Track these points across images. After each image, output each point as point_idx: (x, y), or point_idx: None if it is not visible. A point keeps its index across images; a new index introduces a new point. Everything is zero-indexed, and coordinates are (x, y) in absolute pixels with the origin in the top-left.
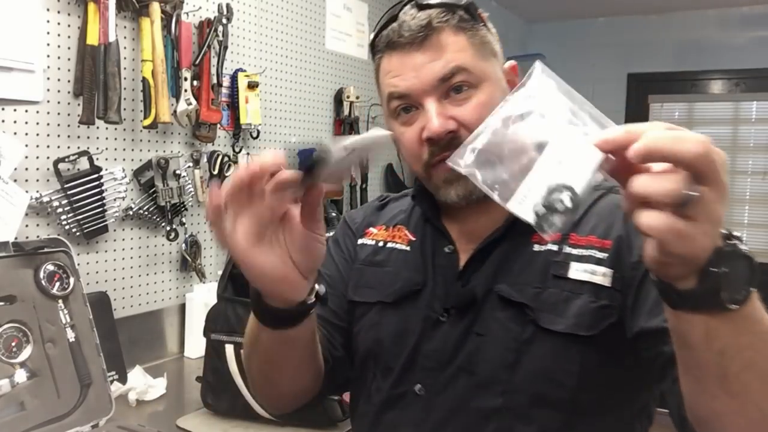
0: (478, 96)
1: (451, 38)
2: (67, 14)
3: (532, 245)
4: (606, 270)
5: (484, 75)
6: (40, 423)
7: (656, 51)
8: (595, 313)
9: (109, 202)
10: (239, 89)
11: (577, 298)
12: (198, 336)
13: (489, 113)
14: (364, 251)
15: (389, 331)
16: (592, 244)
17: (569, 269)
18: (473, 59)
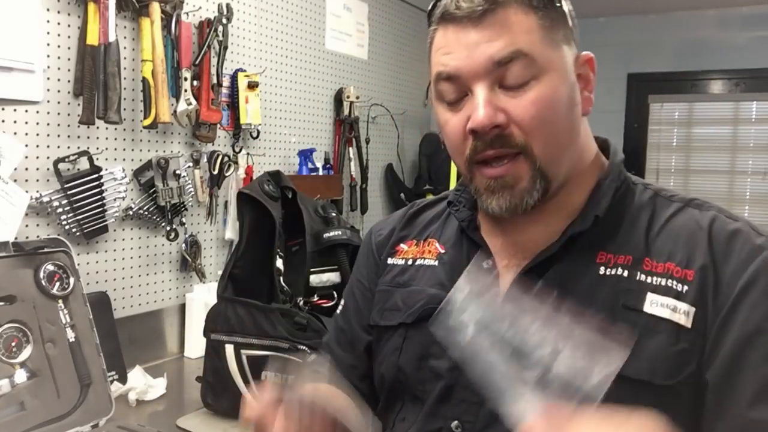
0: (538, 89)
1: (517, 16)
2: (67, 14)
3: (597, 267)
4: (688, 307)
5: (549, 65)
6: (40, 423)
7: (656, 51)
8: (675, 358)
9: (109, 202)
10: (239, 89)
11: (652, 337)
12: (198, 336)
13: (548, 110)
14: (392, 272)
15: (411, 356)
16: (671, 273)
17: (645, 301)
18: (540, 45)
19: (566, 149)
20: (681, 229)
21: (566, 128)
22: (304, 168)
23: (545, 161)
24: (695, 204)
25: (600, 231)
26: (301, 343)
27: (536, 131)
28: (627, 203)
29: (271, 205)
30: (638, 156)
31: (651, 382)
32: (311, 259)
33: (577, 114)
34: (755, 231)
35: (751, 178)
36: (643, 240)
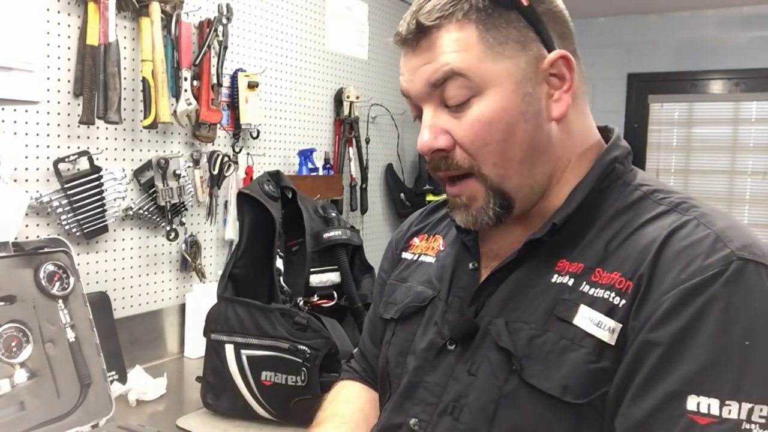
0: (479, 107)
1: (452, 34)
2: (67, 14)
3: (552, 274)
4: (614, 324)
5: (490, 80)
6: (40, 423)
7: (656, 51)
8: (591, 375)
9: (109, 202)
10: (239, 89)
11: (575, 351)
12: (198, 336)
13: (491, 129)
14: (402, 266)
15: (394, 350)
16: (612, 284)
17: (576, 313)
18: (479, 60)
19: (523, 163)
20: (646, 236)
21: (518, 142)
22: (304, 168)
23: (497, 179)
24: (682, 208)
25: (565, 237)
26: (301, 343)
27: (480, 152)
28: (605, 206)
29: (271, 205)
30: (638, 156)
31: (560, 399)
32: (311, 259)
33: (535, 125)
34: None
35: (751, 178)
36: (603, 248)
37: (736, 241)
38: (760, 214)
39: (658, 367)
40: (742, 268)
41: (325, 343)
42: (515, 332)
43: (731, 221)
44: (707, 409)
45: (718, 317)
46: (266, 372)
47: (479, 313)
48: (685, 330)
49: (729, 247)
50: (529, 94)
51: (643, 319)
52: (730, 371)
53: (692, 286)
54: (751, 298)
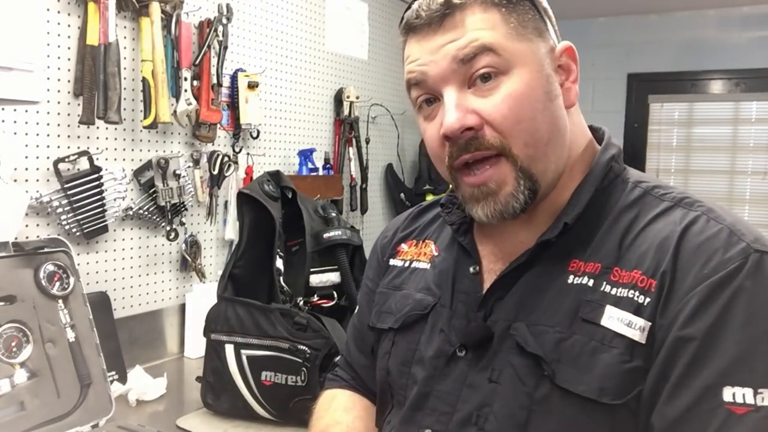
0: (508, 84)
1: (478, 15)
2: (67, 14)
3: (567, 275)
4: (644, 322)
5: (518, 58)
6: (40, 423)
7: (656, 51)
8: (626, 375)
9: (109, 202)
10: (239, 89)
11: (607, 352)
12: (198, 336)
13: (522, 106)
14: (392, 274)
15: (396, 361)
16: (635, 283)
17: (603, 314)
18: (506, 38)
19: (549, 145)
20: (659, 232)
21: (546, 122)
22: (304, 168)
23: (527, 160)
24: (686, 203)
25: (574, 237)
26: (301, 343)
27: (512, 130)
28: (610, 204)
29: (271, 205)
30: (638, 156)
31: (598, 401)
32: (311, 259)
33: (557, 107)
34: (735, 235)
35: (751, 178)
36: (616, 246)
37: (747, 234)
38: (760, 214)
39: (692, 363)
40: (759, 260)
41: (325, 343)
42: (539, 336)
43: (735, 216)
44: (743, 399)
45: (744, 309)
46: (266, 372)
47: (488, 317)
48: (714, 326)
49: (744, 241)
50: (549, 77)
51: (671, 316)
52: (760, 361)
53: (717, 280)
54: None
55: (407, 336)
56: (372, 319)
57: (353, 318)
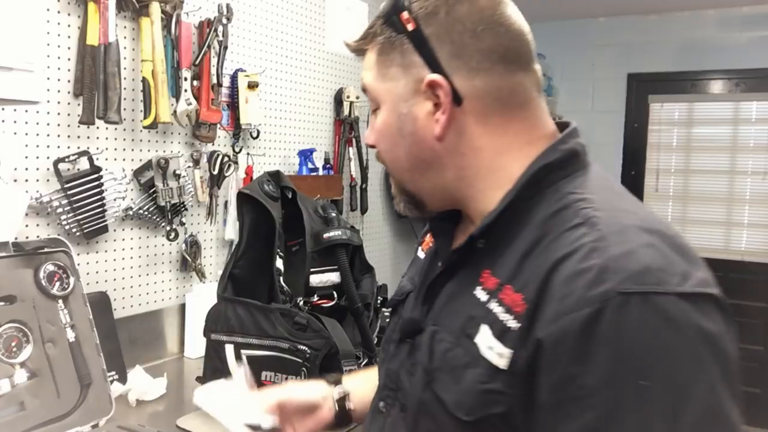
0: (379, 118)
1: (368, 53)
2: (67, 14)
3: (476, 285)
4: (505, 350)
5: (380, 97)
6: (40, 423)
7: (656, 51)
8: (481, 395)
9: (109, 202)
10: (239, 89)
11: (473, 368)
12: (198, 336)
13: (381, 137)
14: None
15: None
16: (514, 307)
17: (478, 332)
18: (374, 79)
19: (413, 171)
20: (555, 252)
21: (403, 154)
22: (304, 168)
23: (398, 180)
24: (591, 222)
25: (491, 247)
26: (301, 343)
27: (380, 155)
28: (531, 216)
29: (271, 205)
30: (638, 156)
31: (453, 414)
32: (311, 259)
33: (414, 141)
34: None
35: (751, 178)
36: (517, 263)
37: (621, 272)
38: (760, 214)
39: (556, 419)
40: (622, 303)
41: (325, 343)
42: (439, 343)
43: (632, 243)
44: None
45: (605, 357)
46: (266, 372)
47: (428, 313)
48: (573, 376)
49: (610, 281)
50: (404, 115)
51: (530, 349)
52: (630, 417)
53: (572, 321)
54: (635, 332)
55: (393, 318)
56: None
57: None
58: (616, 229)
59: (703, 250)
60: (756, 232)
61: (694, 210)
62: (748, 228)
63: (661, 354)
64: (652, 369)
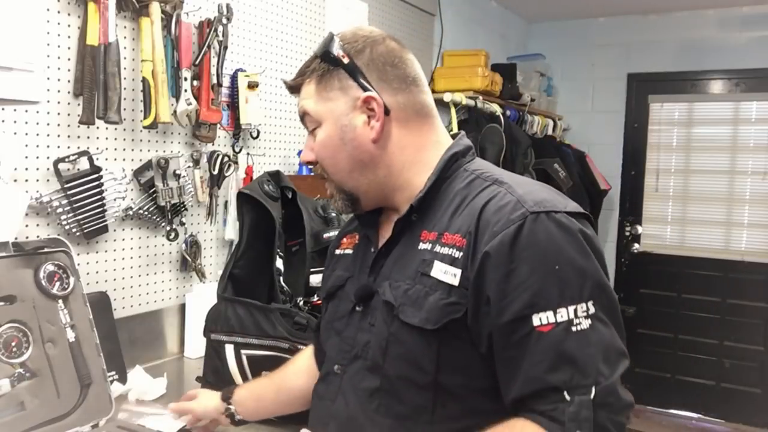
0: (319, 134)
1: (306, 86)
2: (67, 14)
3: (418, 242)
4: (456, 271)
5: (322, 116)
6: (40, 423)
7: (656, 51)
8: (442, 309)
9: (109, 202)
10: (239, 89)
11: (433, 294)
12: (198, 336)
13: (324, 149)
14: (333, 260)
15: (324, 320)
16: (454, 243)
17: (432, 267)
18: (315, 104)
19: (353, 171)
20: (474, 205)
21: (344, 158)
22: (304, 168)
23: (337, 182)
24: (498, 181)
25: (424, 215)
26: (301, 343)
27: (323, 164)
28: (451, 188)
29: (270, 205)
30: (638, 156)
31: (424, 327)
32: (311, 259)
33: (355, 146)
34: (519, 204)
35: (751, 178)
36: (448, 218)
37: (529, 202)
38: (760, 214)
39: (504, 303)
40: (535, 218)
41: None
42: (396, 289)
43: (529, 189)
44: (546, 320)
45: (528, 256)
46: (266, 372)
47: (375, 281)
48: (511, 273)
49: (525, 206)
50: (346, 126)
51: (476, 264)
52: (552, 290)
53: (504, 236)
54: (546, 235)
55: (331, 302)
56: (319, 294)
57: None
58: (517, 182)
59: (703, 250)
60: (756, 232)
61: (694, 210)
62: (748, 228)
63: (563, 248)
64: (560, 258)
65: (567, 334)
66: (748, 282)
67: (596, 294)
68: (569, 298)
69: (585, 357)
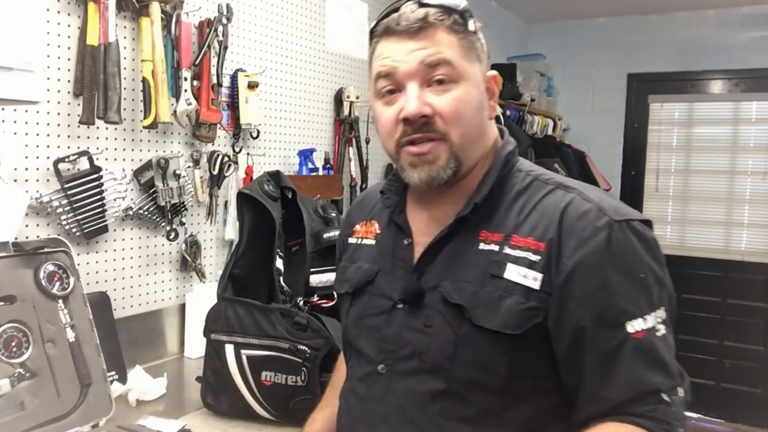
0: (457, 90)
1: (442, 35)
2: (67, 14)
3: (478, 243)
4: (537, 274)
5: (465, 73)
6: (40, 423)
7: (656, 51)
8: (523, 313)
9: (109, 202)
10: (239, 89)
11: (509, 297)
12: (198, 336)
13: (463, 108)
14: (349, 249)
15: (352, 316)
16: (528, 246)
17: (505, 270)
18: (458, 57)
19: (475, 141)
20: (545, 209)
21: (475, 125)
22: (304, 168)
23: (459, 147)
24: (563, 186)
25: (483, 214)
26: (301, 343)
27: (454, 123)
28: (508, 188)
29: (270, 205)
30: (638, 156)
31: (502, 332)
32: (311, 259)
33: (484, 116)
34: (601, 211)
35: (751, 178)
36: (514, 220)
37: (609, 209)
38: (760, 214)
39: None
40: (619, 227)
41: (325, 343)
42: (460, 290)
43: (600, 195)
44: (639, 327)
45: (620, 263)
46: (266, 372)
47: (421, 279)
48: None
49: (607, 215)
50: (482, 93)
51: (564, 268)
52: (640, 299)
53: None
54: (630, 244)
55: (360, 297)
56: (336, 287)
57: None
58: (583, 187)
59: (703, 250)
60: (756, 232)
61: (694, 210)
62: (748, 228)
63: (644, 257)
64: (643, 266)
65: (656, 340)
66: (748, 282)
67: (667, 301)
68: (652, 305)
69: (670, 360)
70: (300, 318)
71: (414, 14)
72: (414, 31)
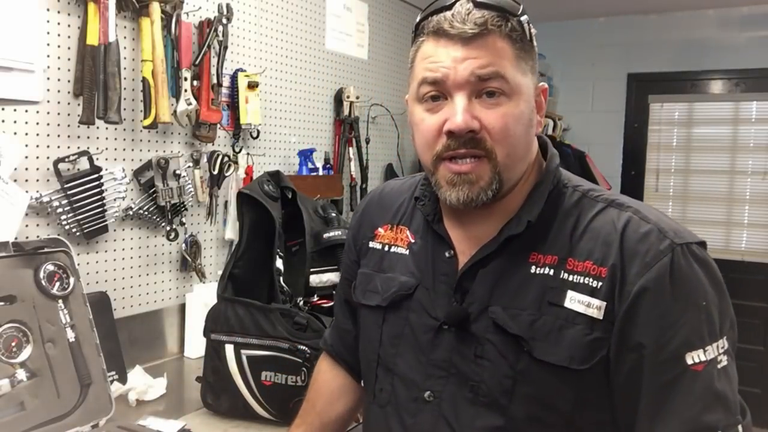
0: (508, 105)
1: (498, 43)
2: (67, 14)
3: (529, 266)
4: (600, 303)
5: (518, 87)
6: (40, 423)
7: (656, 51)
8: (589, 345)
9: (109, 202)
10: (239, 89)
11: (571, 328)
12: (198, 336)
13: (513, 125)
14: (374, 256)
15: (388, 334)
16: (588, 271)
17: (565, 298)
18: (513, 70)
19: (521, 160)
20: (600, 230)
21: (523, 143)
22: (304, 168)
23: (503, 167)
24: (616, 204)
25: (532, 233)
26: (301, 343)
27: (502, 140)
28: (557, 206)
29: (270, 205)
30: (638, 156)
31: (569, 367)
32: (311, 259)
33: (531, 133)
34: (662, 233)
35: (751, 178)
36: (568, 241)
37: (669, 231)
38: (760, 214)
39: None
40: (681, 251)
41: None
42: (515, 318)
43: (656, 214)
44: (699, 359)
45: (683, 291)
46: (266, 372)
47: (465, 298)
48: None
49: (668, 237)
50: (533, 108)
51: (627, 296)
52: (702, 328)
53: (660, 269)
54: (691, 270)
55: (397, 313)
56: (357, 296)
57: (338, 289)
58: (637, 204)
59: None
60: (756, 232)
61: (694, 210)
62: (748, 228)
63: (705, 283)
64: (705, 294)
65: (716, 373)
66: (748, 282)
67: (728, 330)
68: (713, 335)
69: (731, 394)
70: (300, 318)
71: (471, 16)
72: (469, 36)
